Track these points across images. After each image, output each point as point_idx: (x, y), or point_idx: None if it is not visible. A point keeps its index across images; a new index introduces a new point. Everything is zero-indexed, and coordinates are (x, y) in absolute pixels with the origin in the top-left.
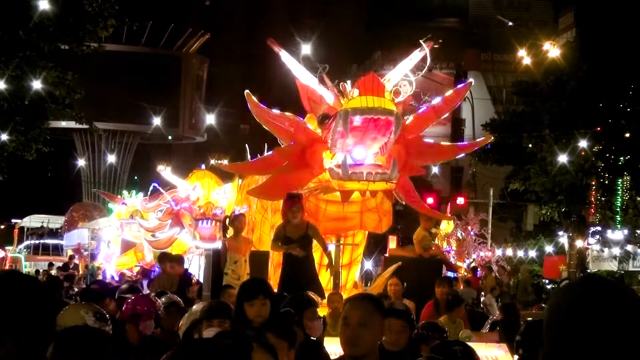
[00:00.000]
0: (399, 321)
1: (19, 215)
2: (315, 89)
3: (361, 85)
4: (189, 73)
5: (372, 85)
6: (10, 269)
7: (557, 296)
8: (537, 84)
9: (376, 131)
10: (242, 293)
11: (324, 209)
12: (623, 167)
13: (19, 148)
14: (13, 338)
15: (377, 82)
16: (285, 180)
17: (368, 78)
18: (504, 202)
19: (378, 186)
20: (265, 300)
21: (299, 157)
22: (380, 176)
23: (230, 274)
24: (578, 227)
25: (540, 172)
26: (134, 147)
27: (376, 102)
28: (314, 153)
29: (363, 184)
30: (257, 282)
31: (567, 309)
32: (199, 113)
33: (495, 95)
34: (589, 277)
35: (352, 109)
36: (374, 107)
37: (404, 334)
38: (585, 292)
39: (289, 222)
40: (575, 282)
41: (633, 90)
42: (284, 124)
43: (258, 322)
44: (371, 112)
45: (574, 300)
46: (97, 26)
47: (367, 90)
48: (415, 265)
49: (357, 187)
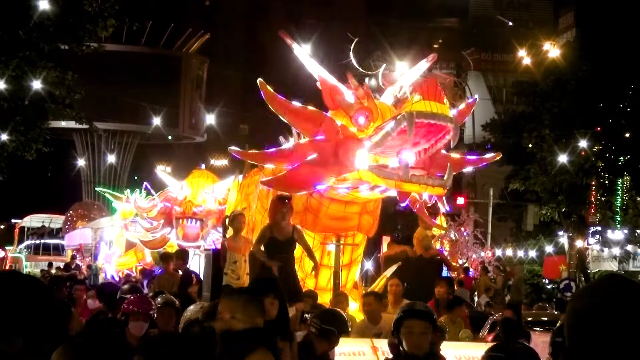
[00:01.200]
0: (420, 322)
1: (19, 215)
2: (336, 84)
3: (424, 89)
4: (189, 73)
5: (435, 91)
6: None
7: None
8: (537, 84)
9: (422, 137)
10: (250, 290)
11: (327, 207)
12: (623, 167)
13: (19, 148)
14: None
15: (438, 88)
16: (311, 173)
17: (430, 83)
18: (504, 202)
19: (435, 191)
20: (274, 300)
21: (331, 153)
22: (439, 182)
23: (229, 273)
24: (578, 227)
25: (540, 172)
26: (134, 147)
27: (439, 108)
28: (347, 150)
29: (422, 186)
30: (268, 281)
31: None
32: (199, 113)
33: (495, 95)
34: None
35: (417, 113)
36: (438, 113)
37: (426, 336)
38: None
39: (277, 224)
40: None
41: (633, 90)
42: (305, 116)
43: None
44: (434, 117)
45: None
46: (97, 26)
47: (430, 95)
48: (415, 265)
49: (416, 189)
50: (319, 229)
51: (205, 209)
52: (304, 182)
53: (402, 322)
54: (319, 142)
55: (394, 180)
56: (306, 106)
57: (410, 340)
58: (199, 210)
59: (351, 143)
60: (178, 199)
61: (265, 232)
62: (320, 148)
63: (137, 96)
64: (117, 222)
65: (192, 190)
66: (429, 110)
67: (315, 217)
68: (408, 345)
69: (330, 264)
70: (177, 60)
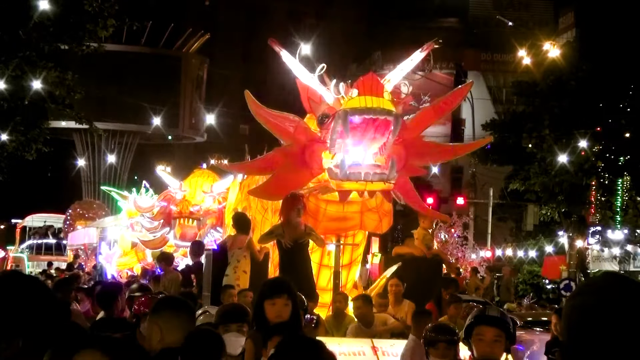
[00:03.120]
0: (492, 329)
1: (19, 215)
2: (316, 89)
3: (360, 85)
4: (189, 73)
5: (371, 85)
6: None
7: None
8: (537, 84)
9: (375, 131)
10: (264, 290)
11: (324, 209)
12: (623, 167)
13: (19, 148)
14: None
15: (376, 82)
16: (285, 180)
17: (367, 78)
18: (504, 202)
19: (376, 186)
20: (288, 301)
21: (299, 157)
22: (378, 176)
23: (231, 274)
24: (578, 227)
25: (540, 172)
26: (134, 147)
27: (375, 102)
28: (313, 153)
29: (361, 184)
30: (282, 280)
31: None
32: (199, 113)
33: (495, 95)
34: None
35: (351, 109)
36: (373, 107)
37: (498, 344)
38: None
39: (289, 222)
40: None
41: (633, 90)
42: (284, 123)
43: (277, 322)
44: (370, 112)
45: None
46: (97, 26)
47: (366, 90)
48: (415, 265)
49: (355, 187)
50: (320, 232)
51: (203, 208)
52: (282, 190)
53: (473, 329)
54: (286, 149)
55: (335, 180)
56: (284, 113)
57: (480, 347)
58: (196, 209)
59: (316, 146)
60: (176, 198)
61: (276, 229)
62: (288, 154)
63: (137, 96)
64: (123, 221)
65: (190, 189)
66: (364, 106)
67: (315, 221)
68: (478, 353)
69: (330, 264)
70: (177, 60)
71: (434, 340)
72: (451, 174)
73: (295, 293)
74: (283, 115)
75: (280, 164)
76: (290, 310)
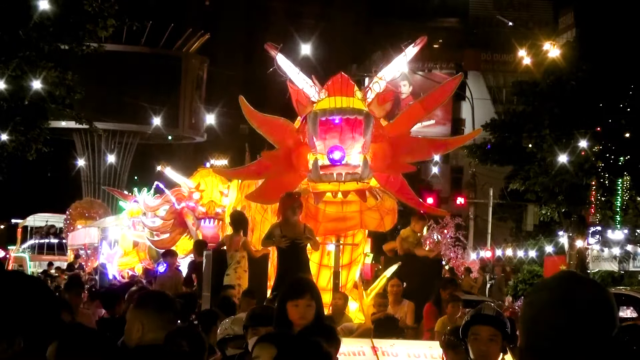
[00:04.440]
0: (487, 328)
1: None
2: (308, 92)
3: (330, 86)
4: (189, 73)
5: (340, 85)
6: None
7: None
8: (537, 84)
9: (352, 131)
10: (287, 291)
11: (323, 210)
12: (623, 167)
13: (19, 148)
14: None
15: (345, 82)
16: (277, 183)
17: (336, 78)
18: (504, 202)
19: (349, 186)
20: (311, 302)
21: (286, 161)
22: (350, 176)
23: (232, 274)
24: (578, 227)
25: (540, 172)
26: (134, 147)
27: (345, 102)
28: (299, 156)
29: (334, 184)
30: (304, 280)
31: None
32: (198, 113)
33: (495, 95)
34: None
35: (320, 110)
36: (342, 107)
37: (494, 343)
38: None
39: (286, 221)
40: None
41: (633, 90)
42: (275, 127)
43: (301, 324)
44: (340, 112)
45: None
46: (97, 26)
47: (335, 90)
48: (415, 265)
49: (329, 188)
50: (321, 233)
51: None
52: (275, 193)
53: (469, 328)
54: (273, 153)
55: (310, 182)
56: (276, 117)
57: (476, 347)
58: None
59: (301, 148)
60: (193, 197)
61: (274, 229)
62: (275, 159)
63: (137, 96)
64: (124, 221)
65: (207, 189)
66: (333, 107)
67: (315, 222)
68: (474, 353)
69: (330, 264)
70: (177, 60)
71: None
72: (451, 174)
73: (318, 292)
74: (274, 118)
75: (270, 168)
76: (314, 311)
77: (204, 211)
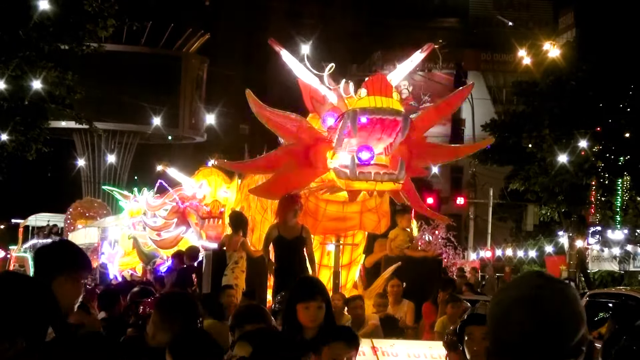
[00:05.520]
0: (481, 328)
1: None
2: (318, 88)
3: (369, 85)
4: (189, 73)
5: (380, 85)
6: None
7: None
8: (537, 84)
9: (382, 132)
10: (296, 293)
11: (324, 209)
12: (623, 167)
13: (19, 148)
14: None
15: (385, 83)
16: (288, 179)
17: (376, 78)
18: (504, 202)
19: (385, 186)
20: (322, 303)
21: (303, 156)
22: (388, 176)
23: (229, 274)
24: (578, 227)
25: (540, 172)
26: (134, 147)
27: (384, 102)
28: (318, 152)
29: (371, 183)
30: (313, 281)
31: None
32: (199, 113)
33: (495, 95)
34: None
35: (361, 109)
36: (383, 107)
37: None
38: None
39: (285, 223)
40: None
41: (633, 90)
42: (286, 123)
43: (312, 327)
44: (379, 112)
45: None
46: (97, 26)
47: (375, 90)
48: (415, 265)
49: (365, 187)
50: (320, 231)
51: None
52: (284, 189)
53: (465, 329)
54: (290, 148)
55: (343, 179)
56: (287, 113)
57: (470, 347)
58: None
59: (320, 145)
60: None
61: (272, 231)
62: (292, 153)
63: (137, 96)
64: (125, 221)
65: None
66: (373, 106)
67: (314, 220)
68: (469, 353)
69: (330, 264)
70: (177, 60)
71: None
72: (451, 174)
73: (328, 293)
74: (285, 115)
75: (283, 162)
76: (324, 313)
77: (208, 210)
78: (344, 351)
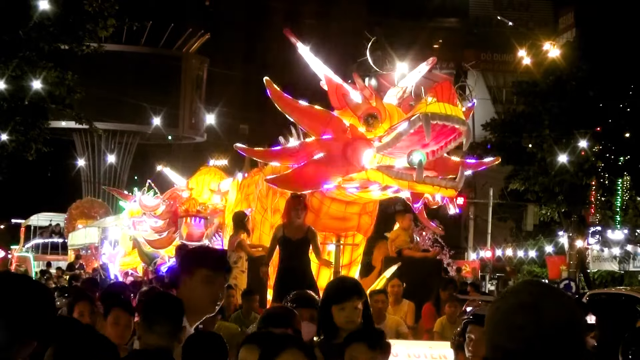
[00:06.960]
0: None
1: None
2: (342, 84)
3: (438, 91)
4: (189, 73)
5: (449, 93)
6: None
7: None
8: (537, 84)
9: (432, 138)
10: (331, 294)
11: (328, 206)
12: (623, 167)
13: (19, 148)
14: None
15: (452, 91)
16: (315, 172)
17: (446, 85)
18: (504, 202)
19: (447, 192)
20: (358, 303)
21: (339, 152)
22: (451, 183)
23: None
24: (578, 227)
25: (540, 172)
26: (134, 147)
27: (452, 110)
28: (356, 149)
29: (435, 187)
30: (349, 281)
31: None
32: (199, 113)
33: (495, 95)
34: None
35: (432, 114)
36: (452, 115)
37: None
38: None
39: (290, 223)
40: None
41: (633, 90)
42: (311, 115)
43: (349, 328)
44: (448, 119)
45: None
46: (97, 26)
47: (444, 97)
48: (415, 265)
49: (429, 190)
50: (319, 229)
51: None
52: (310, 181)
53: (466, 329)
54: (327, 141)
55: (407, 181)
56: (313, 105)
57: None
58: (203, 207)
59: (360, 143)
60: (183, 196)
61: (278, 232)
62: (328, 147)
63: (137, 96)
64: (125, 221)
65: (197, 187)
66: (443, 112)
67: (315, 217)
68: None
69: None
70: (177, 60)
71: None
72: None
73: (365, 292)
74: (310, 107)
75: (311, 155)
76: (361, 313)
77: (185, 209)
78: (364, 354)
